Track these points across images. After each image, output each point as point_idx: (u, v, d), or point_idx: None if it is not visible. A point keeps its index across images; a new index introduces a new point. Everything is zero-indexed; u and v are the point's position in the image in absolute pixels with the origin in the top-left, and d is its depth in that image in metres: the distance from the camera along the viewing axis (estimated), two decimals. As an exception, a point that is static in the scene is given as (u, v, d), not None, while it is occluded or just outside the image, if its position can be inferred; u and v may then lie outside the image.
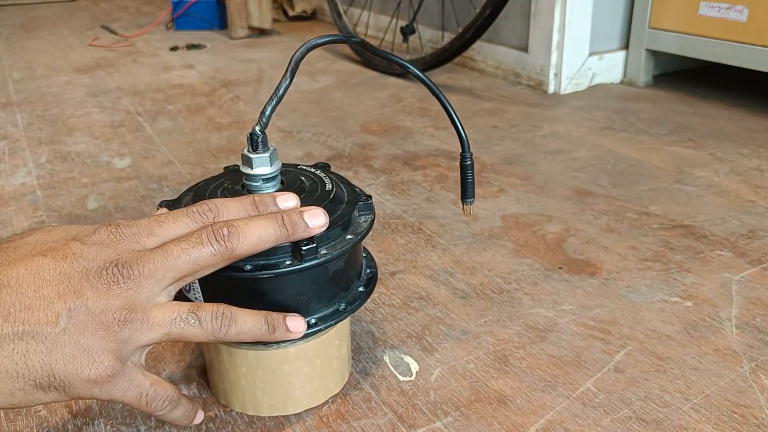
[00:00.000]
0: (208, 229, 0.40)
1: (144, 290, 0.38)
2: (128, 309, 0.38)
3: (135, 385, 0.39)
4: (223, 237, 0.40)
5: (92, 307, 0.37)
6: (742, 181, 0.90)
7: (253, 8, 1.89)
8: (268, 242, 0.41)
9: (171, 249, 0.39)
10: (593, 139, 1.08)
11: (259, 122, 0.45)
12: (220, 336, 0.40)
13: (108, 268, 0.38)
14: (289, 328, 0.43)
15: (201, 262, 0.40)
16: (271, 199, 0.43)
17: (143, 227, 0.40)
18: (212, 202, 0.43)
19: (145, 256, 0.39)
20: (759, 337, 0.57)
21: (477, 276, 0.68)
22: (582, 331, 0.59)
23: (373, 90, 1.39)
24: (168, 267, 0.39)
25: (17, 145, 1.08)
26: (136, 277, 0.38)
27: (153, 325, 0.38)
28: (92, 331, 0.37)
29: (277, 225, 0.42)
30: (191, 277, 0.40)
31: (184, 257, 0.39)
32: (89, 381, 0.37)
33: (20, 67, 1.61)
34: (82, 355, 0.36)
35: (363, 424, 0.49)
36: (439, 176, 0.93)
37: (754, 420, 0.48)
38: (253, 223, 0.41)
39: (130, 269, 0.38)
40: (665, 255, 0.71)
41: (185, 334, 0.39)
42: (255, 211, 0.43)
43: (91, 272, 0.37)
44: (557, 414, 0.49)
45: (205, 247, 0.40)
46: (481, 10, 1.27)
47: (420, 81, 0.50)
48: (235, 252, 0.40)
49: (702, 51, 1.24)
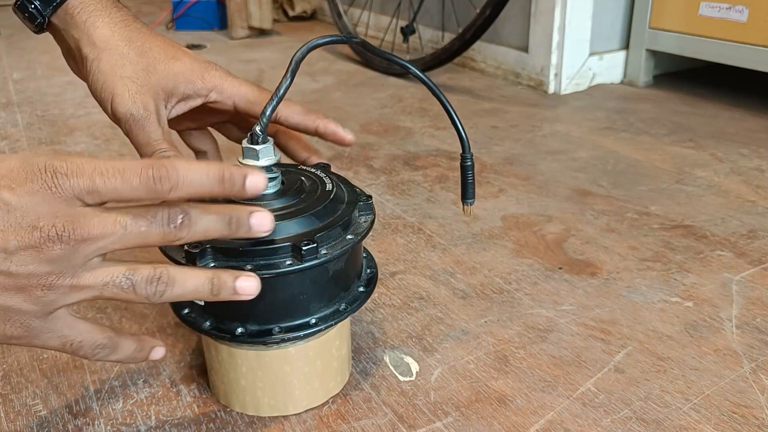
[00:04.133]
0: (164, 213, 0.37)
1: (79, 255, 0.36)
2: (57, 274, 0.35)
3: (57, 336, 0.38)
4: (176, 224, 0.37)
5: (15, 270, 0.35)
6: (743, 182, 0.90)
7: (253, 8, 1.89)
8: (213, 236, 0.39)
9: (123, 220, 0.36)
10: (593, 139, 1.08)
11: (260, 122, 0.45)
12: (155, 301, 0.38)
13: (42, 228, 0.34)
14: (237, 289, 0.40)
15: (148, 241, 0.37)
16: (240, 176, 0.38)
17: (85, 180, 0.35)
18: (174, 167, 0.37)
19: (89, 218, 0.35)
20: (759, 338, 0.57)
21: (477, 276, 0.68)
22: (582, 331, 0.59)
23: (374, 90, 1.39)
24: (116, 238, 0.36)
25: (17, 146, 1.08)
26: (76, 241, 0.35)
27: (83, 288, 0.37)
28: (13, 292, 0.35)
29: (225, 223, 0.39)
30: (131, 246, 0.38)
31: (135, 231, 0.36)
32: (5, 336, 0.36)
33: (20, 67, 1.61)
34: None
35: (363, 424, 0.49)
36: (439, 176, 0.93)
37: (755, 420, 0.48)
38: (206, 217, 0.38)
39: (71, 231, 0.35)
40: (665, 255, 0.71)
41: (118, 298, 0.38)
42: (220, 187, 0.38)
43: (20, 228, 0.34)
44: (557, 414, 0.49)
45: (156, 227, 0.37)
46: (482, 11, 1.27)
47: (420, 81, 0.50)
48: (180, 241, 0.38)
49: (702, 51, 1.24)
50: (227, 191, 0.38)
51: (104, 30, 0.49)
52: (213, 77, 0.51)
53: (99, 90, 0.49)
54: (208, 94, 0.51)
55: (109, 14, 0.49)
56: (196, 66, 0.50)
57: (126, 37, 0.49)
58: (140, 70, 0.48)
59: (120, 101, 0.47)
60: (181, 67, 0.50)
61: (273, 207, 0.45)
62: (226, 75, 0.52)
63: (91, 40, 0.48)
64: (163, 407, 0.51)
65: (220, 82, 0.51)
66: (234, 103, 0.52)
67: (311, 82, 1.46)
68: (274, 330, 0.45)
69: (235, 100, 0.52)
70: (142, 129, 0.48)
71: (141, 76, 0.48)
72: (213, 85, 0.51)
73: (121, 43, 0.49)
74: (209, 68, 0.51)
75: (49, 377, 0.54)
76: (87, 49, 0.49)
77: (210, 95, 0.51)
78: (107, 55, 0.48)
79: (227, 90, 0.51)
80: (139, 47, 0.49)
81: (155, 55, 0.49)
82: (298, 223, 0.44)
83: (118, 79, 0.48)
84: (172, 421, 0.49)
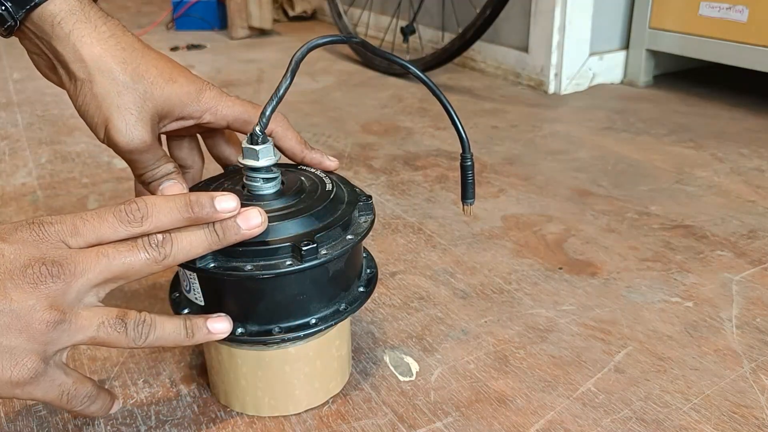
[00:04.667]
0: (144, 238, 0.40)
1: (73, 290, 0.38)
2: (56, 310, 0.37)
3: (57, 385, 0.39)
4: (158, 242, 0.40)
5: (17, 308, 0.36)
6: (743, 182, 0.90)
7: (253, 8, 1.89)
8: (200, 248, 0.41)
9: (106, 250, 0.39)
10: (594, 139, 1.08)
11: (260, 122, 0.45)
12: (140, 344, 0.40)
13: (33, 266, 0.37)
14: (210, 330, 0.43)
15: (134, 267, 0.39)
16: (207, 198, 0.41)
17: (67, 225, 0.39)
18: (142, 200, 0.40)
19: (75, 255, 0.38)
20: (759, 338, 0.57)
21: (477, 276, 0.68)
22: (582, 331, 0.59)
23: (374, 90, 1.39)
24: (101, 268, 0.38)
25: (17, 146, 1.08)
26: (67, 276, 0.37)
27: (80, 328, 0.38)
28: (16, 332, 0.36)
29: (207, 231, 0.41)
30: (120, 281, 0.40)
31: (119, 260, 0.39)
32: (10, 383, 0.37)
33: (20, 67, 1.61)
34: (4, 356, 0.36)
35: (363, 424, 0.49)
36: (439, 176, 0.93)
37: (755, 420, 0.48)
38: (188, 233, 0.41)
39: (59, 267, 0.37)
40: (666, 255, 0.71)
41: (110, 340, 0.39)
42: (189, 212, 0.40)
43: (15, 271, 0.36)
44: (557, 414, 0.49)
45: (140, 251, 0.39)
46: (482, 11, 1.27)
47: (420, 81, 0.50)
48: (167, 259, 0.40)
49: (702, 51, 1.24)
50: (198, 214, 0.40)
51: (94, 48, 0.46)
52: (208, 99, 0.50)
53: (91, 114, 0.47)
54: (202, 115, 0.50)
55: (95, 27, 0.47)
56: (192, 88, 0.49)
57: (119, 58, 0.47)
58: (138, 98, 0.47)
59: (117, 132, 0.46)
60: (177, 90, 0.49)
61: (273, 207, 0.45)
62: (220, 95, 0.51)
63: (79, 56, 0.46)
64: (163, 407, 0.51)
65: (215, 104, 0.50)
66: (228, 123, 0.52)
67: (311, 82, 1.46)
68: (274, 330, 0.45)
69: (228, 121, 0.51)
70: (141, 156, 0.48)
71: (138, 104, 0.47)
72: (208, 107, 0.50)
73: (116, 66, 0.46)
74: (204, 89, 0.50)
75: (49, 377, 0.54)
76: (75, 67, 0.46)
77: (204, 116, 0.50)
78: (101, 79, 0.46)
79: (221, 111, 0.51)
80: (134, 70, 0.47)
81: (151, 79, 0.47)
82: (298, 223, 0.44)
83: (114, 108, 0.46)
84: (172, 421, 0.49)
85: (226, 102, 0.51)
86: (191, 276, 0.45)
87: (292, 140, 0.53)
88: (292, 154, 0.53)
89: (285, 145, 0.53)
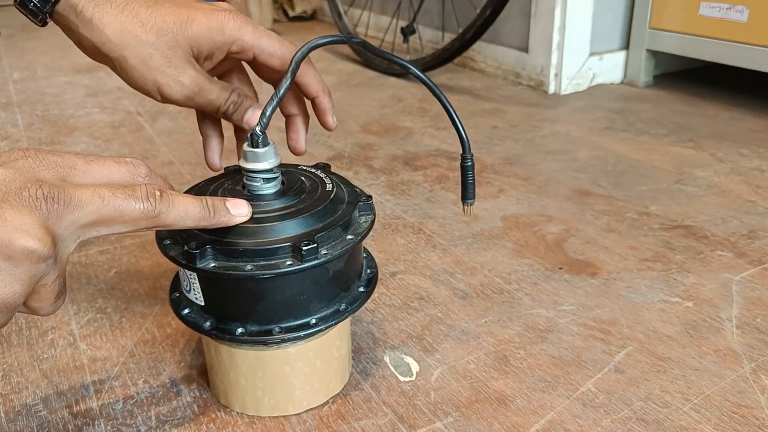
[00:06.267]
0: (142, 188, 0.39)
1: (64, 222, 0.36)
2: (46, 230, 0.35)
3: None
4: (155, 198, 0.39)
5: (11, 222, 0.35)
6: (743, 182, 0.90)
7: (253, 9, 1.89)
8: (191, 219, 0.41)
9: (102, 191, 0.37)
10: (593, 139, 1.08)
11: (260, 122, 0.45)
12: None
13: (30, 189, 0.35)
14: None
15: (126, 215, 0.38)
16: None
17: (67, 159, 0.39)
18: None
19: (72, 187, 0.37)
20: (759, 338, 0.57)
21: (477, 276, 0.68)
22: (582, 331, 0.59)
23: (374, 90, 1.39)
24: (95, 207, 0.37)
25: (18, 146, 1.08)
26: (61, 205, 0.36)
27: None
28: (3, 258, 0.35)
29: (202, 205, 0.41)
30: (107, 228, 0.38)
31: (114, 204, 0.37)
32: None
33: (20, 67, 1.61)
34: None
35: (363, 424, 0.49)
36: (439, 176, 0.93)
37: (755, 420, 0.48)
38: (184, 198, 0.41)
39: (56, 193, 0.36)
40: (665, 255, 0.71)
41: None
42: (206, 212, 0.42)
43: (10, 193, 0.35)
44: (557, 414, 0.49)
45: (136, 202, 0.38)
46: (482, 11, 1.27)
47: (420, 81, 0.50)
48: (160, 217, 0.39)
49: (702, 51, 1.24)
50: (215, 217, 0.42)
51: (116, 25, 0.49)
52: (231, 30, 0.51)
53: (140, 85, 0.50)
54: (230, 47, 0.51)
55: (111, 3, 0.49)
56: (213, 23, 0.50)
57: (138, 22, 0.49)
58: (168, 51, 0.49)
59: (168, 89, 0.49)
60: (198, 28, 0.50)
61: (273, 207, 0.45)
62: (243, 26, 0.51)
63: (106, 38, 0.49)
64: (163, 407, 0.51)
65: (240, 35, 0.51)
66: (255, 55, 0.52)
67: (311, 82, 1.46)
68: (274, 330, 0.45)
69: (255, 53, 0.52)
70: (204, 97, 0.50)
71: (169, 57, 0.49)
72: (233, 38, 0.51)
73: (138, 31, 0.49)
74: (226, 21, 0.51)
75: (49, 377, 0.54)
76: (107, 49, 0.49)
77: (232, 48, 0.51)
78: (131, 52, 0.49)
79: (247, 42, 0.51)
80: (153, 26, 0.49)
81: (171, 29, 0.49)
82: (298, 223, 0.44)
83: (154, 71, 0.49)
84: (172, 421, 0.49)
85: (252, 33, 0.51)
86: (191, 276, 0.45)
87: (312, 77, 0.53)
88: (307, 90, 0.54)
89: (304, 80, 0.53)
